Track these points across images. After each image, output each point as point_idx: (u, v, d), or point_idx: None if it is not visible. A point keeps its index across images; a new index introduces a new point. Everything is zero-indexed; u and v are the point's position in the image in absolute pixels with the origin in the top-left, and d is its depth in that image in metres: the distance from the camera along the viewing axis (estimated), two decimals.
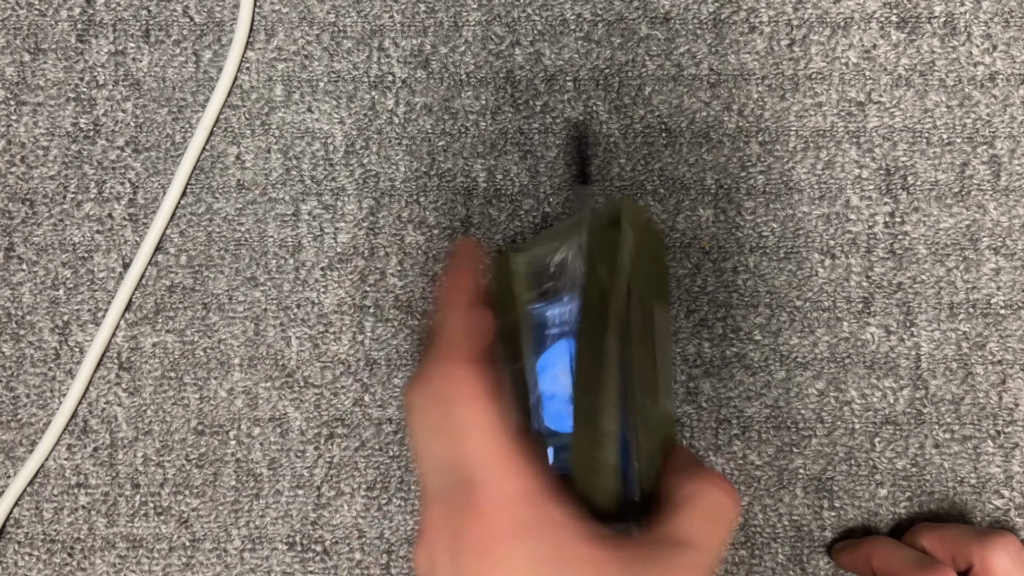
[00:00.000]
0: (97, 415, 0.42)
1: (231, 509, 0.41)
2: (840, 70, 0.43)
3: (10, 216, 0.43)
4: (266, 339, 0.42)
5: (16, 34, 0.44)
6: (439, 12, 0.43)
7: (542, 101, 0.43)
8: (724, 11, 0.43)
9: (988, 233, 0.42)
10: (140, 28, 0.43)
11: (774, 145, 0.42)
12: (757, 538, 0.40)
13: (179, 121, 0.43)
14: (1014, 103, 0.42)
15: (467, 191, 0.42)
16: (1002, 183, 0.42)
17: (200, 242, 0.42)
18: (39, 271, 0.42)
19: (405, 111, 0.43)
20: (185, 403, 0.42)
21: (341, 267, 0.42)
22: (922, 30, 0.43)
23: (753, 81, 0.42)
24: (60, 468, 0.42)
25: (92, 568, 0.41)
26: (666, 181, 0.42)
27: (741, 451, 0.41)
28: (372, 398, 0.42)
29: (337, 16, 0.43)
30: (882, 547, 0.38)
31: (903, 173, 0.42)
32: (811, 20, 0.43)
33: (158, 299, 0.42)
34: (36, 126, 0.43)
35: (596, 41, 0.43)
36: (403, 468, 0.41)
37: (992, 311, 0.41)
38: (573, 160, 0.42)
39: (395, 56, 0.43)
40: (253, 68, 0.43)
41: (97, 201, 0.43)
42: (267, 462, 0.41)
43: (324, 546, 0.41)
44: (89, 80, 0.43)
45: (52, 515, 0.41)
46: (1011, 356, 0.41)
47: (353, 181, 0.42)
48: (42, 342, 0.42)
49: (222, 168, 0.43)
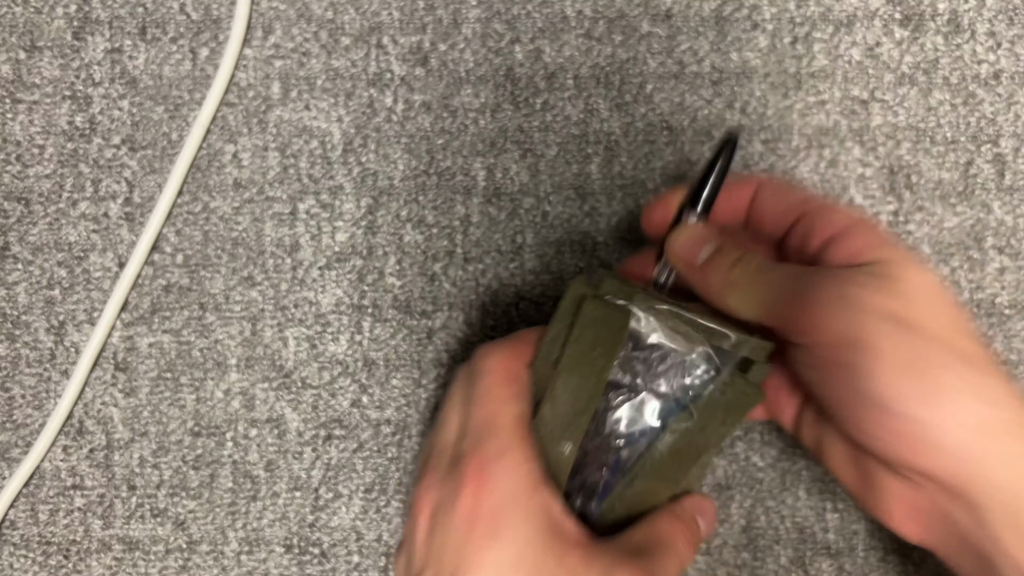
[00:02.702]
0: (93, 416, 0.41)
1: (228, 511, 0.41)
2: (843, 68, 0.42)
3: (5, 215, 0.42)
4: (263, 339, 0.41)
5: (12, 31, 0.43)
6: (438, 9, 0.43)
7: (542, 99, 0.42)
8: (726, 8, 0.42)
9: (993, 232, 0.41)
10: (136, 25, 0.43)
11: (777, 143, 0.42)
12: (760, 540, 0.40)
13: (175, 119, 0.43)
14: (1019, 101, 0.42)
15: (466, 189, 0.42)
16: (1007, 182, 0.42)
17: (196, 241, 0.42)
18: (34, 271, 0.42)
19: (404, 109, 0.42)
20: (181, 404, 0.41)
21: (339, 266, 0.42)
22: (926, 28, 0.42)
23: (756, 79, 0.42)
24: (56, 469, 0.41)
25: (88, 570, 0.41)
26: (668, 180, 0.42)
27: (744, 453, 0.41)
28: (370, 399, 0.41)
29: (335, 13, 0.43)
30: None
31: (907, 172, 0.42)
32: (814, 17, 0.42)
33: (154, 299, 0.42)
34: (31, 124, 0.43)
35: (597, 38, 0.42)
36: (401, 470, 0.41)
37: (997, 311, 0.41)
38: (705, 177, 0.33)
39: (394, 53, 0.43)
40: (250, 65, 0.43)
41: (93, 200, 0.42)
42: (264, 464, 0.41)
43: (322, 548, 0.41)
44: (85, 78, 0.43)
45: (48, 517, 0.41)
46: (1016, 356, 0.41)
47: (351, 179, 0.42)
48: (37, 342, 0.42)
49: (219, 167, 0.42)
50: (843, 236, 0.31)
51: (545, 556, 0.28)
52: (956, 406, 0.27)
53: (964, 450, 0.27)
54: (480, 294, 0.41)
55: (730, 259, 0.32)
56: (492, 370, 0.31)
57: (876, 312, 0.28)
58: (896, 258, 0.30)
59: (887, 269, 0.29)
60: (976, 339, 0.29)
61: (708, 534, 0.34)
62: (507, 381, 0.31)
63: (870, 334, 0.28)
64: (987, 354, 0.28)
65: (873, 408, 0.28)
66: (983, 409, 0.27)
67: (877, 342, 0.28)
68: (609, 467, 0.33)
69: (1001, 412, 0.27)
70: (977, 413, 0.27)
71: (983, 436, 0.27)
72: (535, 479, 0.30)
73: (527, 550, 0.28)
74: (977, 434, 0.27)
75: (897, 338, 0.28)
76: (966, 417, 0.27)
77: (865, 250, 0.30)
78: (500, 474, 0.29)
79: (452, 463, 0.30)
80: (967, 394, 0.27)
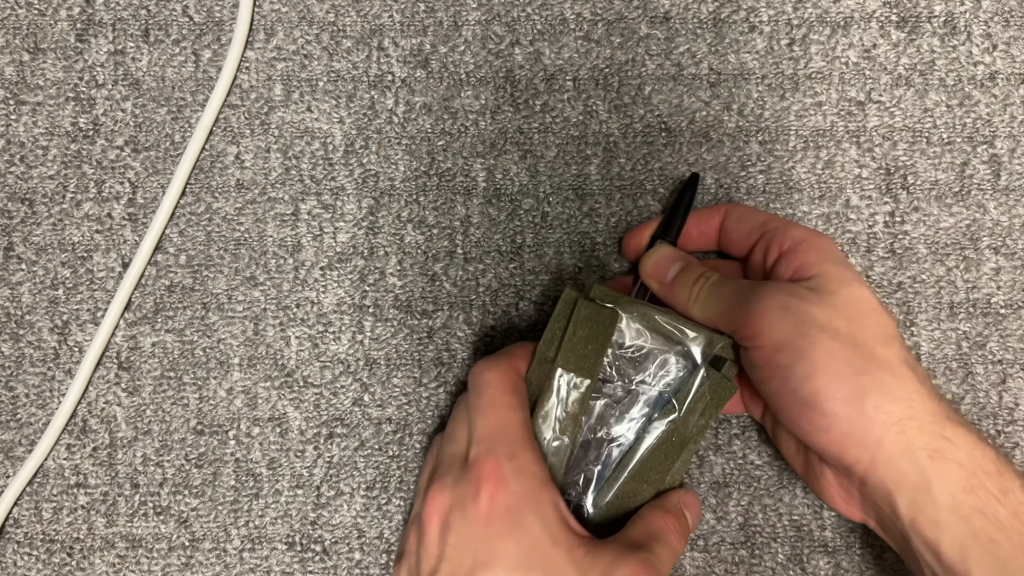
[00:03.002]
0: (96, 415, 0.42)
1: (230, 509, 0.41)
2: (840, 69, 0.43)
3: (9, 216, 0.43)
4: (265, 339, 0.42)
5: (16, 33, 0.44)
6: (439, 11, 0.43)
7: (542, 100, 0.43)
8: (724, 10, 0.43)
9: (988, 232, 0.42)
10: (139, 28, 0.43)
11: (774, 144, 0.42)
12: (757, 538, 0.40)
13: (178, 120, 0.43)
14: (1014, 102, 0.42)
15: (467, 190, 0.42)
16: (1002, 182, 0.42)
17: (199, 242, 0.42)
18: (38, 271, 0.42)
19: (405, 110, 0.43)
20: (184, 403, 0.42)
21: (340, 267, 0.42)
22: (922, 29, 0.43)
23: (753, 80, 0.42)
24: (59, 468, 0.42)
25: (91, 568, 0.41)
26: (666, 181, 0.42)
27: (741, 451, 0.41)
28: (371, 398, 0.41)
29: (336, 15, 0.43)
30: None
31: (903, 172, 0.42)
32: (811, 19, 0.43)
33: (157, 299, 0.42)
34: (35, 126, 0.43)
35: (596, 40, 0.43)
36: (402, 468, 0.41)
37: (992, 310, 0.41)
38: (671, 207, 0.40)
39: (395, 55, 0.43)
40: (252, 67, 0.43)
41: (96, 201, 0.43)
42: (266, 462, 0.41)
43: (323, 546, 0.41)
44: (88, 80, 0.43)
45: (51, 515, 0.41)
46: (1011, 356, 0.41)
47: (352, 180, 0.42)
48: (41, 342, 0.42)
49: (221, 168, 0.43)
50: (792, 252, 0.35)
51: (556, 549, 0.31)
52: (873, 406, 0.31)
53: (879, 444, 0.31)
54: (480, 294, 0.42)
55: (693, 276, 0.36)
56: (493, 383, 0.34)
57: (811, 322, 0.32)
58: (833, 273, 0.34)
59: (824, 283, 0.33)
60: (898, 345, 0.33)
61: (695, 526, 0.36)
62: (508, 391, 0.34)
63: (804, 341, 0.32)
64: (906, 358, 0.33)
65: (804, 406, 0.32)
66: (896, 408, 0.31)
67: (810, 349, 0.32)
68: (601, 462, 0.35)
69: (911, 410, 0.31)
70: (892, 413, 0.31)
71: (895, 431, 0.31)
72: (543, 478, 0.33)
73: (540, 542, 0.31)
74: (890, 430, 0.31)
75: (827, 345, 0.32)
76: (880, 416, 0.31)
77: (808, 265, 0.35)
78: (514, 474, 0.32)
79: (464, 469, 0.33)
80: (883, 395, 0.31)
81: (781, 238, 0.36)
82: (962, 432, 0.31)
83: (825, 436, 0.32)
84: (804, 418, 0.32)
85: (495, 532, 0.31)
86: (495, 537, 0.31)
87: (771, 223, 0.37)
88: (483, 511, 0.31)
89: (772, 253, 0.37)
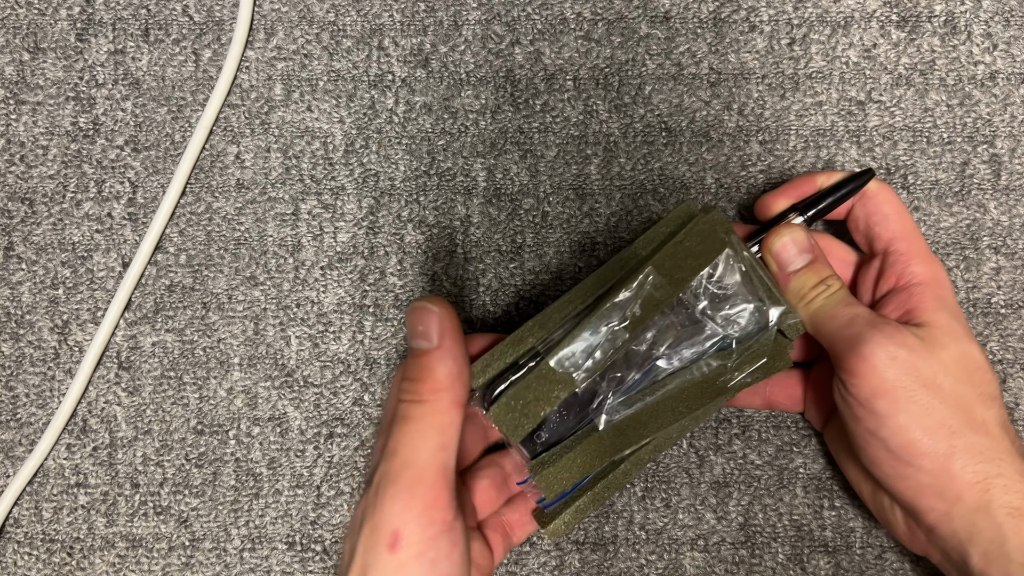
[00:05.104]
0: (96, 414, 0.42)
1: (231, 509, 0.41)
2: (840, 69, 0.43)
3: (9, 215, 0.43)
4: (265, 338, 0.42)
5: (16, 33, 0.44)
6: (439, 11, 0.43)
7: (542, 100, 0.43)
8: (724, 10, 0.43)
9: (988, 232, 0.42)
10: (139, 27, 0.43)
11: (774, 144, 0.42)
12: (757, 538, 0.40)
13: (178, 120, 0.43)
14: (1014, 102, 0.42)
15: (467, 190, 0.42)
16: (1002, 182, 0.42)
17: (199, 241, 0.42)
18: (38, 270, 0.42)
19: (405, 110, 0.43)
20: (184, 402, 0.42)
21: (341, 266, 0.42)
22: (922, 29, 0.43)
23: (753, 80, 0.42)
24: (59, 467, 0.42)
25: (91, 568, 0.41)
26: (666, 180, 0.42)
27: (741, 450, 0.41)
28: (372, 397, 0.41)
29: (337, 15, 0.43)
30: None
31: (903, 172, 0.42)
32: (811, 19, 0.43)
33: (157, 298, 0.42)
34: (35, 125, 0.43)
35: (596, 40, 0.43)
36: None
37: (992, 310, 0.41)
38: (832, 192, 0.37)
39: (395, 55, 0.43)
40: (252, 67, 0.43)
41: (96, 200, 0.43)
42: (267, 461, 0.41)
43: (324, 545, 0.41)
44: (88, 79, 0.43)
45: (51, 515, 0.41)
46: (1011, 355, 0.41)
47: (353, 180, 0.42)
48: (41, 341, 0.42)
49: (221, 167, 0.43)
50: (906, 292, 0.36)
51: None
52: (960, 465, 0.32)
53: (957, 499, 0.32)
54: (480, 294, 0.42)
55: (815, 279, 0.36)
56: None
57: (916, 376, 0.33)
58: (945, 325, 0.34)
59: (936, 336, 0.34)
60: (997, 406, 0.34)
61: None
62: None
63: (905, 394, 0.32)
64: (1003, 420, 0.33)
65: (891, 455, 0.33)
66: (984, 468, 0.32)
67: (909, 403, 0.32)
68: (642, 370, 0.35)
69: (1000, 468, 0.32)
70: (978, 472, 0.32)
71: (978, 489, 0.32)
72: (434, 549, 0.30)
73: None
74: (973, 488, 0.32)
75: (927, 403, 0.32)
76: (966, 475, 0.32)
77: (921, 311, 0.35)
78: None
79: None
80: (973, 455, 0.32)
81: (901, 271, 0.36)
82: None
83: (903, 483, 0.33)
84: (887, 464, 0.33)
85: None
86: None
87: (898, 244, 0.37)
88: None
89: (887, 281, 0.37)
